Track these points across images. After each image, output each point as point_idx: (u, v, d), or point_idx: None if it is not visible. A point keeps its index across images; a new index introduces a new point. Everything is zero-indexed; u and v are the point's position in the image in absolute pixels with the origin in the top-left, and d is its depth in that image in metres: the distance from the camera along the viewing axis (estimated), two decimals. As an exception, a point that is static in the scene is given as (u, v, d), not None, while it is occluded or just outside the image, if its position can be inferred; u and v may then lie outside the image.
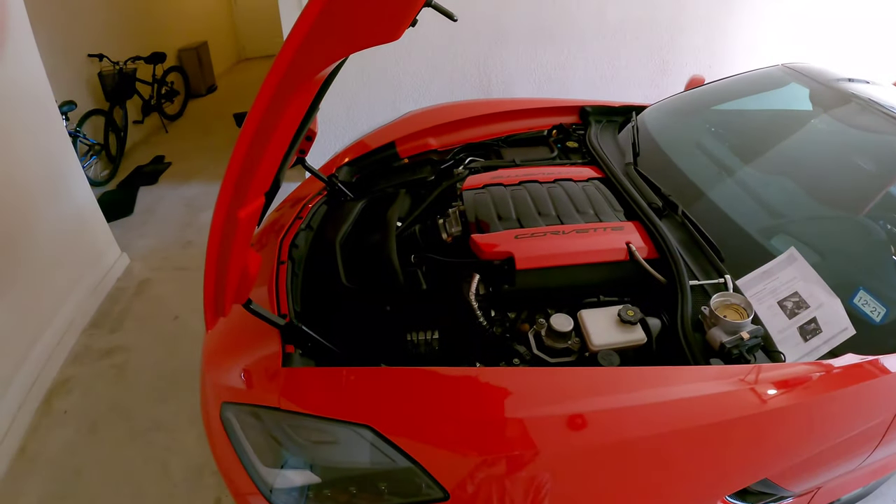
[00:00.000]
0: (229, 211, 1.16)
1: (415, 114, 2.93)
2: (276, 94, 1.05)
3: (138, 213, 4.72)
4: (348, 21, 1.02)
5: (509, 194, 2.15)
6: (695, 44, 4.69)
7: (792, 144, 2.47)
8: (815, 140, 2.50)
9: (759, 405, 1.44)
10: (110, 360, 3.11)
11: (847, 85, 2.58)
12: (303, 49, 1.00)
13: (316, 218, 2.28)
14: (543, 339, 1.72)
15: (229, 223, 1.18)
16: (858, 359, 1.60)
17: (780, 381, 1.51)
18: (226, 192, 1.14)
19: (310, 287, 1.94)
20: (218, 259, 1.23)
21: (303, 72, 1.06)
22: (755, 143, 2.52)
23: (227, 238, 1.20)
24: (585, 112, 2.97)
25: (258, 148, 1.11)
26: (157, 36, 6.75)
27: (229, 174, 1.11)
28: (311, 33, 0.98)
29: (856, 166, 2.34)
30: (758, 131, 2.63)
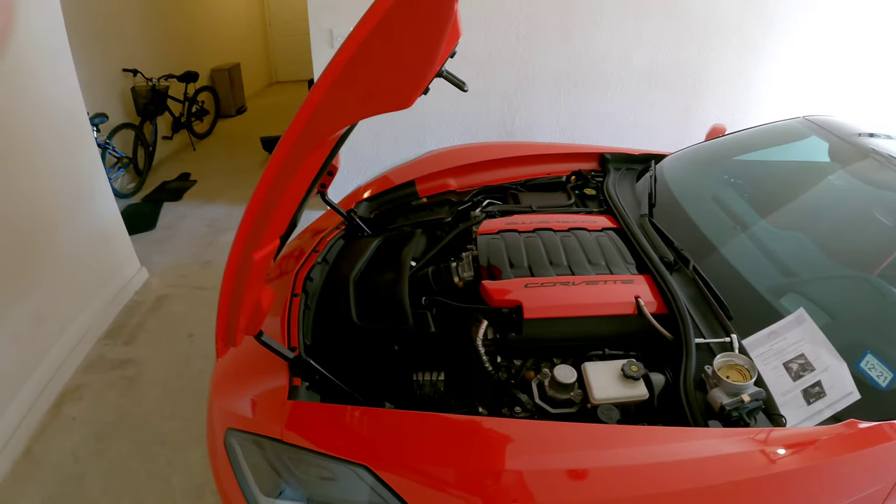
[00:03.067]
0: (244, 252, 1.21)
1: (436, 153, 2.98)
2: (293, 151, 1.10)
3: (160, 229, 4.81)
4: (362, 89, 1.07)
5: (522, 242, 2.18)
6: (719, 94, 4.73)
7: (808, 200, 2.48)
8: (831, 196, 2.49)
9: (756, 469, 1.44)
10: (122, 372, 3.17)
11: (867, 140, 2.56)
12: (317, 113, 1.05)
13: (332, 252, 2.32)
14: (546, 389, 1.74)
15: (244, 263, 1.23)
16: (863, 425, 1.58)
17: (781, 445, 1.50)
18: (242, 234, 1.19)
19: (321, 321, 1.98)
20: (232, 294, 1.28)
21: (318, 133, 1.12)
22: (771, 197, 2.54)
23: (241, 276, 1.24)
24: (605, 159, 3.00)
25: (275, 197, 1.17)
26: (192, 55, 6.91)
27: (247, 218, 1.17)
28: (325, 99, 1.03)
29: (871, 225, 2.33)
30: (774, 185, 2.64)
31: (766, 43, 4.55)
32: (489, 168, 2.89)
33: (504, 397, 1.82)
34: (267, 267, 1.37)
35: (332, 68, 1.00)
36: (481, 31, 4.25)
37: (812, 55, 4.65)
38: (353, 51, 0.98)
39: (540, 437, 1.49)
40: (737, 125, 3.21)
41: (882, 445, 1.58)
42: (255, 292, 1.37)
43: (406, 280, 2.04)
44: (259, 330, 1.52)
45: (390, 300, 1.96)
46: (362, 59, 1.00)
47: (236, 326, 1.37)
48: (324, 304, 2.05)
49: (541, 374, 1.79)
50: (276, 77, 10.51)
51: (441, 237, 2.42)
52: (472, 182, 2.85)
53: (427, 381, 1.86)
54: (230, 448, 1.57)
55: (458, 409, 1.80)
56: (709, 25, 4.43)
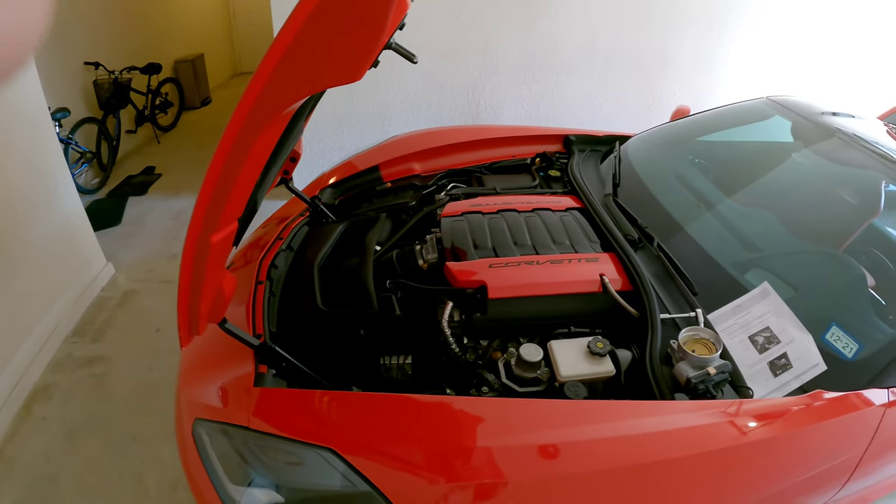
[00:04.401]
0: (201, 235, 1.18)
1: (400, 138, 2.96)
2: (244, 128, 1.07)
3: (126, 224, 4.73)
4: (312, 63, 1.05)
5: (486, 223, 2.17)
6: (682, 74, 4.76)
7: (771, 178, 2.50)
8: (794, 174, 2.53)
9: (725, 439, 1.45)
10: (91, 370, 3.11)
11: (830, 119, 2.60)
12: (267, 88, 1.03)
13: (297, 239, 2.30)
14: (513, 369, 1.73)
15: (201, 247, 1.20)
16: (829, 395, 1.61)
17: (748, 416, 1.52)
18: (198, 216, 1.16)
19: (286, 308, 1.96)
20: (191, 280, 1.25)
21: (269, 108, 1.09)
22: (734, 175, 2.56)
23: (199, 261, 1.22)
24: (569, 141, 3.01)
25: (229, 176, 1.14)
26: (154, 46, 6.77)
27: (201, 200, 1.14)
28: (274, 74, 1.01)
29: (834, 201, 2.37)
30: (738, 164, 2.67)
31: (728, 24, 4.59)
32: (453, 152, 2.89)
33: (472, 378, 1.81)
34: (226, 251, 1.35)
35: (280, 42, 0.98)
36: (446, 16, 4.23)
37: (773, 35, 4.71)
38: (301, 24, 0.96)
39: (507, 414, 1.49)
40: (701, 106, 3.23)
41: (849, 415, 1.62)
42: (216, 278, 1.35)
43: (370, 264, 2.02)
44: (223, 317, 1.50)
45: (355, 285, 1.95)
46: (310, 32, 0.98)
47: (198, 314, 1.35)
48: (289, 290, 2.03)
49: (507, 354, 1.79)
50: (240, 68, 10.35)
51: (405, 221, 2.41)
52: (436, 166, 2.84)
53: (394, 364, 1.85)
54: (198, 438, 1.54)
55: (425, 391, 1.79)
56: (673, 8, 4.45)
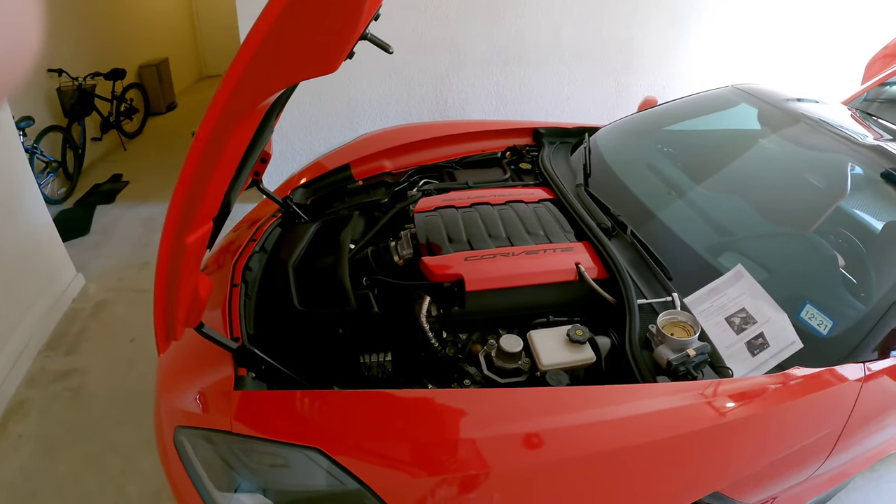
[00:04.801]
0: (176, 237, 1.17)
1: (370, 136, 2.95)
2: (219, 124, 1.06)
3: (95, 233, 4.64)
4: (285, 54, 1.04)
5: (460, 216, 2.18)
6: (648, 65, 4.79)
7: (740, 164, 2.53)
8: (762, 159, 2.56)
9: (706, 420, 1.47)
10: (66, 383, 3.05)
11: (795, 105, 2.64)
12: (242, 82, 1.02)
13: (270, 240, 2.28)
14: (494, 360, 1.74)
15: (176, 249, 1.18)
16: (806, 371, 1.64)
17: (727, 396, 1.54)
18: (172, 217, 1.14)
19: (263, 310, 1.94)
20: (167, 284, 1.24)
21: (244, 102, 1.08)
22: (704, 163, 2.59)
23: (175, 263, 1.20)
24: (539, 133, 3.02)
25: (204, 175, 1.12)
26: (118, 51, 6.64)
27: (175, 200, 1.12)
28: (249, 67, 1.00)
29: (803, 184, 2.41)
30: (707, 151, 2.70)
31: (690, 15, 4.64)
32: (424, 148, 2.88)
33: (453, 372, 1.81)
34: (202, 252, 1.33)
35: (255, 35, 0.98)
36: (412, 12, 4.21)
37: (734, 26, 4.76)
38: (277, 14, 0.96)
39: (490, 404, 1.49)
40: (667, 97, 3.25)
41: (827, 391, 1.65)
42: (192, 281, 1.33)
43: (346, 262, 2.01)
44: (200, 321, 1.48)
45: (331, 283, 1.94)
46: (286, 22, 0.97)
47: (175, 318, 1.33)
48: (264, 292, 2.01)
49: (487, 346, 1.79)
50: (206, 71, 10.18)
51: (378, 218, 2.40)
52: (407, 162, 2.84)
53: (374, 362, 1.84)
54: (180, 446, 1.52)
55: (406, 387, 1.79)
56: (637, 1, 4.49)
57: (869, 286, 1.96)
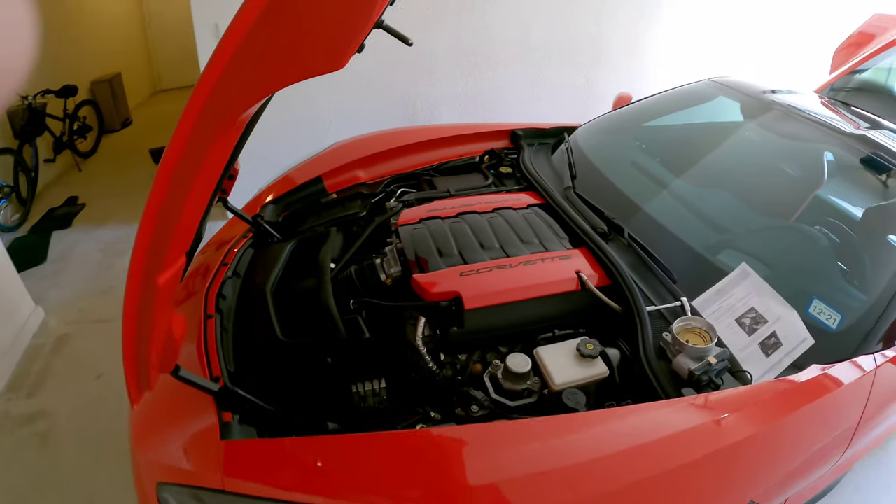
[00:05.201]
0: (145, 277, 1.00)
1: (341, 145, 2.79)
2: (192, 142, 0.88)
3: (52, 261, 4.36)
4: (282, 48, 0.86)
5: (448, 228, 2.04)
6: (617, 61, 4.73)
7: (728, 158, 2.48)
8: (750, 153, 2.53)
9: (740, 432, 1.42)
10: (32, 428, 2.82)
11: (774, 96, 2.61)
12: (221, 86, 0.84)
13: (243, 263, 2.11)
14: (501, 382, 1.60)
15: (147, 291, 1.02)
16: (820, 369, 1.61)
17: (753, 405, 1.50)
18: (139, 256, 0.97)
19: (242, 343, 1.76)
20: (137, 331, 1.06)
21: (224, 112, 0.90)
22: (693, 158, 2.51)
23: (145, 307, 1.03)
24: (517, 135, 2.89)
25: (174, 204, 0.95)
26: (68, 67, 6.30)
27: (142, 236, 0.95)
28: (231, 66, 0.82)
29: (792, 176, 2.39)
30: (693, 146, 2.62)
31: (655, 9, 4.59)
32: (398, 155, 2.73)
33: (455, 396, 1.68)
34: (174, 290, 1.16)
35: (240, 23, 0.79)
36: (375, 17, 4.05)
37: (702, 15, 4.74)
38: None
39: (507, 439, 1.37)
40: (638, 92, 3.17)
41: (846, 386, 1.64)
42: (165, 322, 1.17)
43: (329, 285, 1.86)
44: (175, 364, 1.32)
45: (315, 309, 1.79)
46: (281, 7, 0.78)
47: (148, 366, 1.16)
48: (242, 322, 1.84)
49: (492, 367, 1.65)
50: (160, 85, 9.82)
51: (358, 233, 2.25)
52: (382, 172, 2.68)
53: (368, 391, 1.69)
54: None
55: (408, 418, 1.64)
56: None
57: (868, 276, 1.96)
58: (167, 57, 9.51)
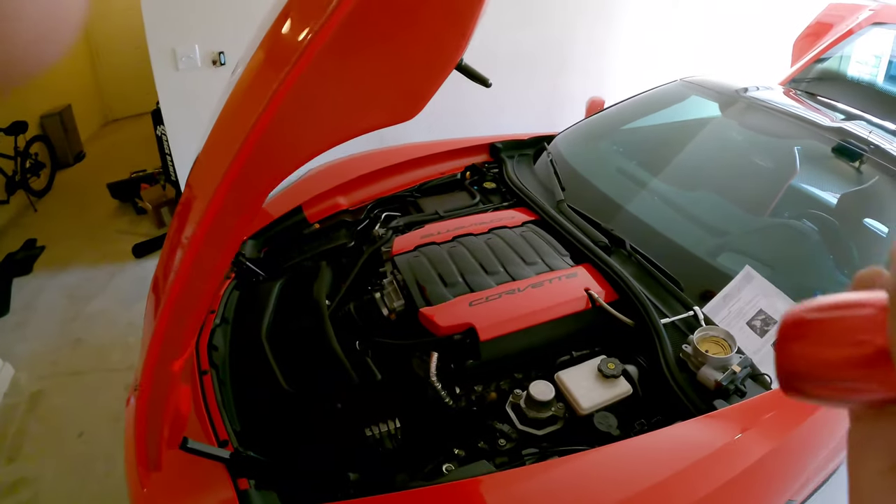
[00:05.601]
0: (160, 366, 0.92)
1: (317, 171, 2.69)
2: (216, 223, 0.78)
3: (15, 312, 4.08)
4: (329, 105, 0.73)
5: (446, 253, 1.97)
6: (583, 66, 4.72)
7: (713, 158, 2.50)
8: (734, 151, 2.55)
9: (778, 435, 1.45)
10: (16, 498, 2.63)
11: (747, 93, 2.63)
12: (255, 159, 0.73)
13: (230, 307, 1.99)
14: (525, 411, 1.55)
15: (161, 379, 0.94)
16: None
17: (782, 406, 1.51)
18: (155, 346, 0.89)
19: (243, 397, 1.66)
20: (149, 416, 0.97)
21: (256, 187, 0.79)
22: (679, 161, 2.49)
23: (158, 393, 0.95)
24: (496, 149, 2.83)
25: (193, 293, 0.87)
26: (15, 102, 6.03)
27: (160, 327, 0.87)
28: (274, 124, 0.69)
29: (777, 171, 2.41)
30: (677, 149, 2.59)
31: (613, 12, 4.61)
32: (378, 178, 2.65)
33: (478, 431, 1.62)
34: (182, 370, 1.08)
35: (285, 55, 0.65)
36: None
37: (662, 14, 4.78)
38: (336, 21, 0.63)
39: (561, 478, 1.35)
40: (606, 95, 3.14)
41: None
42: (174, 401, 1.08)
43: (330, 326, 1.77)
44: (182, 437, 1.23)
45: (318, 353, 1.70)
46: (348, 36, 0.64)
47: (159, 448, 1.07)
48: (239, 374, 1.74)
49: (513, 396, 1.60)
50: (111, 114, 9.38)
51: (348, 266, 2.17)
52: (363, 196, 2.59)
53: (384, 433, 1.62)
54: None
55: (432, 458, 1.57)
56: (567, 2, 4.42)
57: (856, 266, 1.95)
58: (117, 86, 9.14)
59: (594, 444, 1.50)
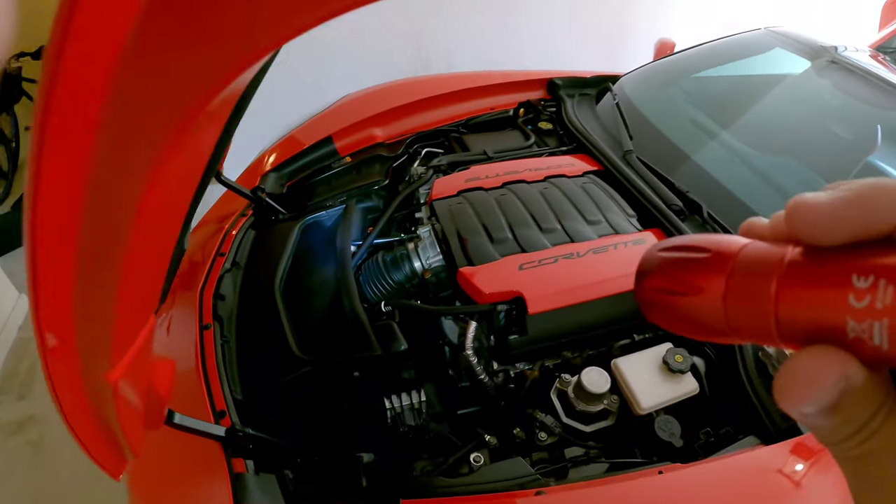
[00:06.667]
0: (85, 379, 0.57)
1: (352, 99, 2.41)
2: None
3: None
4: None
5: (495, 203, 1.70)
6: (651, 2, 4.28)
7: (802, 121, 2.15)
8: (827, 115, 2.20)
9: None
10: (25, 436, 2.49)
11: (834, 50, 2.29)
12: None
13: (243, 250, 1.73)
14: (572, 402, 1.31)
15: (93, 393, 0.61)
16: None
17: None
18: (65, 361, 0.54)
19: (249, 358, 1.43)
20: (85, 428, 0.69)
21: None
22: (765, 120, 2.15)
23: (97, 409, 0.66)
24: (555, 85, 2.50)
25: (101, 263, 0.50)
26: (43, 26, 5.78)
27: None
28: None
29: (867, 138, 2.06)
30: (764, 106, 2.24)
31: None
32: (420, 110, 2.35)
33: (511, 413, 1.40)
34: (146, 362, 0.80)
35: None
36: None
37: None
38: None
39: None
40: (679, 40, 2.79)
41: None
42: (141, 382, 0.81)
43: (354, 285, 1.51)
44: (167, 411, 0.98)
45: (338, 315, 1.46)
46: None
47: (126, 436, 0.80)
48: (247, 330, 1.50)
49: (560, 382, 1.36)
50: None
51: (381, 208, 1.92)
52: (401, 129, 2.30)
53: (406, 407, 1.39)
54: None
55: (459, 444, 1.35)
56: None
57: None
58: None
59: (650, 452, 1.27)
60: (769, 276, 0.28)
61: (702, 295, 0.31)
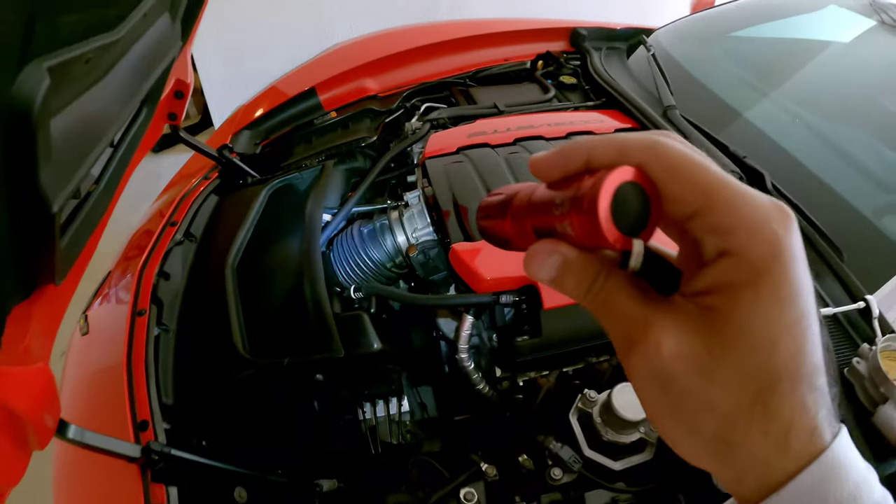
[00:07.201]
0: None
1: (342, 47, 2.10)
2: None
3: None
4: None
5: (504, 162, 1.38)
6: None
7: (872, 87, 1.81)
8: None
9: None
10: None
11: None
12: None
13: (199, 220, 1.45)
14: (598, 428, 0.99)
15: None
16: None
17: None
18: None
19: (187, 353, 1.14)
20: None
21: None
22: (832, 84, 1.84)
23: None
24: (579, 36, 2.16)
25: None
26: None
27: None
28: None
29: None
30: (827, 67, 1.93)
31: None
32: (420, 59, 2.04)
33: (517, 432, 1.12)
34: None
35: None
36: None
37: None
38: None
39: None
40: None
41: None
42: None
43: (320, 264, 1.21)
44: (58, 424, 0.70)
45: (298, 303, 1.16)
46: None
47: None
48: (193, 317, 1.21)
49: (583, 401, 1.04)
50: None
51: (366, 169, 1.60)
52: (398, 81, 1.99)
53: (382, 419, 1.10)
54: None
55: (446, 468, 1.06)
56: None
57: None
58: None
59: (701, 501, 0.97)
60: (525, 203, 0.39)
61: (497, 219, 0.43)
